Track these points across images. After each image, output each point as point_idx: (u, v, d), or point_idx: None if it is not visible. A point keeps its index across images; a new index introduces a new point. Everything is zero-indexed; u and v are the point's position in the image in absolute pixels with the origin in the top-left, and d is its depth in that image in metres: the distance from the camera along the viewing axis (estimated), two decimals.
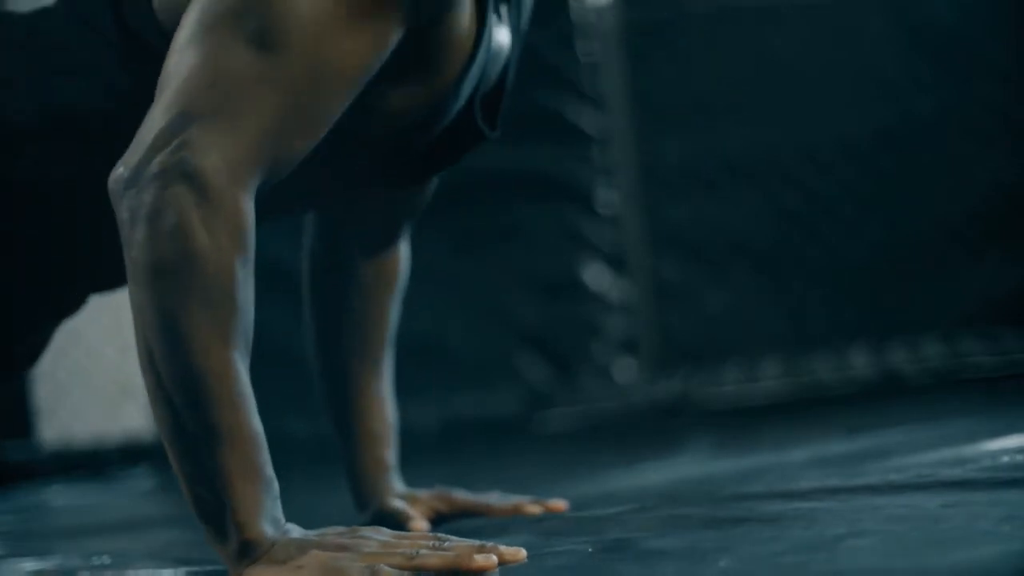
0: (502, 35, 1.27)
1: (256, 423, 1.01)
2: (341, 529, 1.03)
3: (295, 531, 1.02)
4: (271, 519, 1.00)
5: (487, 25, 1.19)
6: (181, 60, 1.04)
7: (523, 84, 1.54)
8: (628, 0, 3.23)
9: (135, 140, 1.03)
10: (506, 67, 1.31)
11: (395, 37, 1.08)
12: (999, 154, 3.00)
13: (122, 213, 1.01)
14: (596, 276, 3.19)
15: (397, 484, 1.51)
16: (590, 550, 1.06)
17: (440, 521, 1.45)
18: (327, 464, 1.57)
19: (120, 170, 1.02)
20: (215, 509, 1.00)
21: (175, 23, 1.09)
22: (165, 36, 1.12)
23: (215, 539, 1.01)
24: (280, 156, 1.04)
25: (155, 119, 1.02)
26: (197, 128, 1.00)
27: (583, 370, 3.18)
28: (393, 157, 1.26)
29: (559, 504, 1.48)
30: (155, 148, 1.00)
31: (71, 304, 1.32)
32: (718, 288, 3.14)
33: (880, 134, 3.06)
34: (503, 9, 1.27)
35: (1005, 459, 1.33)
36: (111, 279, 1.27)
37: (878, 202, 3.07)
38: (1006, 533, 0.92)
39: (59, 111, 1.18)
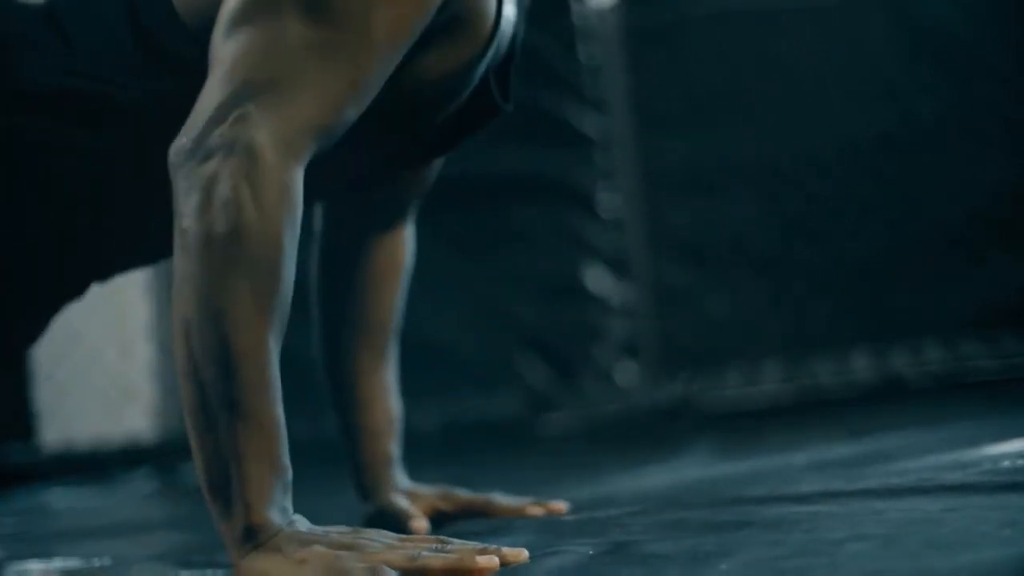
0: (508, 7, 1.29)
1: (279, 409, 1.02)
2: (345, 529, 1.03)
3: (301, 523, 1.02)
4: (279, 507, 1.00)
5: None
6: (233, 36, 1.06)
7: (525, 86, 1.54)
8: (630, 3, 3.23)
9: (194, 112, 1.05)
10: (513, 40, 1.32)
11: (436, 2, 1.10)
12: (1000, 157, 3.00)
13: (179, 183, 1.03)
14: (597, 279, 3.19)
15: (400, 477, 1.51)
16: (591, 552, 1.06)
17: (441, 520, 1.45)
18: (328, 464, 1.57)
19: (182, 140, 1.04)
20: (226, 486, 1.00)
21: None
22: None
23: (220, 517, 1.01)
24: (332, 125, 1.06)
25: (212, 92, 1.04)
26: (253, 101, 1.02)
27: (584, 373, 3.18)
28: (412, 133, 1.28)
29: (560, 506, 1.48)
30: (214, 120, 1.02)
31: (72, 289, 1.32)
32: (719, 291, 3.14)
33: (881, 137, 3.06)
34: None
35: (1006, 463, 1.33)
36: (111, 266, 1.28)
37: (879, 205, 3.07)
38: (1007, 537, 0.92)
39: (73, 89, 1.19)
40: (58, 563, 1.60)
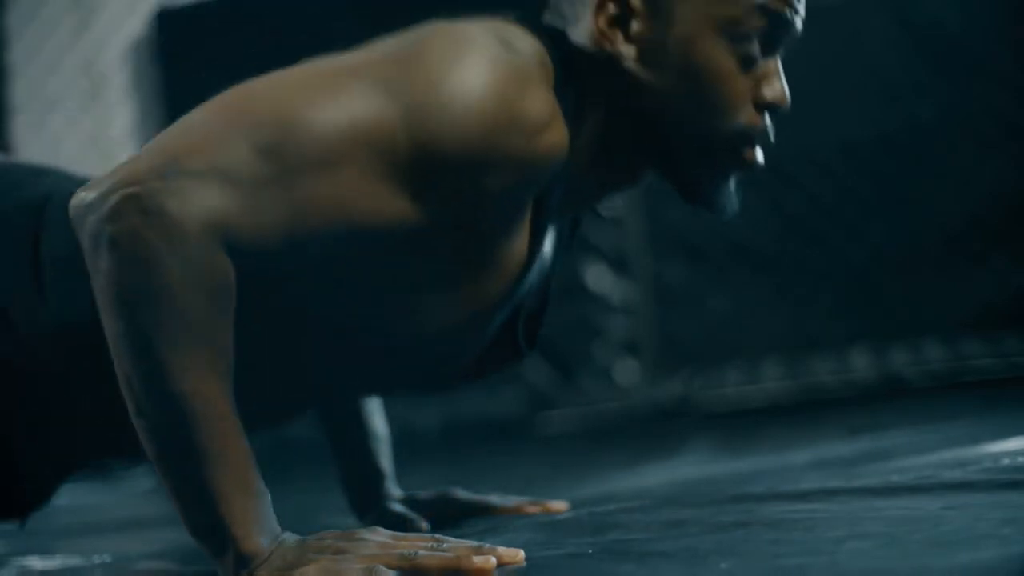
0: (547, 245, 1.26)
1: (241, 438, 1.00)
2: (338, 532, 1.03)
3: (292, 538, 1.01)
4: (266, 529, 1.00)
5: (541, 243, 1.18)
6: (192, 121, 1.03)
7: None
8: None
9: (112, 169, 1.01)
10: (547, 282, 1.29)
11: (414, 215, 1.06)
12: (1000, 158, 3.00)
13: (84, 240, 1.00)
14: (598, 278, 3.19)
15: (395, 489, 1.52)
16: (590, 551, 1.06)
17: (440, 522, 1.45)
18: (327, 464, 1.57)
19: (84, 194, 1.00)
20: (210, 527, 0.99)
21: None
22: None
23: (212, 554, 1.00)
24: (256, 239, 1.01)
25: (138, 159, 1.01)
26: (177, 179, 0.98)
27: (584, 371, 3.19)
28: (431, 370, 1.24)
29: (559, 505, 1.48)
30: (127, 181, 0.98)
31: (86, 459, 1.30)
32: (719, 290, 3.14)
33: (882, 138, 3.06)
34: (554, 226, 1.25)
35: (1006, 461, 1.33)
36: (125, 441, 1.18)
37: (880, 205, 3.07)
38: (1007, 535, 0.92)
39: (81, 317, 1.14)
40: (59, 560, 1.60)
